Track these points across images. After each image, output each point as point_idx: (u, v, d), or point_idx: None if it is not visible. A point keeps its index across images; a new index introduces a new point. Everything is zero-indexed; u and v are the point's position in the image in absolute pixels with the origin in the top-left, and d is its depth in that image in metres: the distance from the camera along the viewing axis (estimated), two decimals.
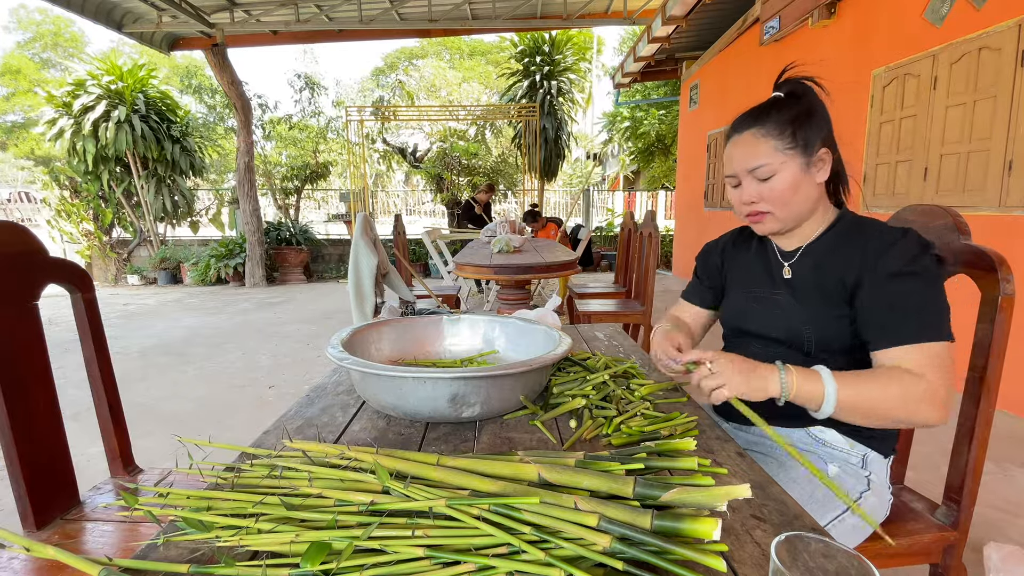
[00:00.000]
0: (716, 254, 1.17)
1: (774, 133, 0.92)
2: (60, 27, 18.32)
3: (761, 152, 0.92)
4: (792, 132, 0.91)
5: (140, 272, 7.94)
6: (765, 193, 0.93)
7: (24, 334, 0.97)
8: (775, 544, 0.42)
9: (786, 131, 0.91)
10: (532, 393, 0.91)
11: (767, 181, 0.93)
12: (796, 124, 0.91)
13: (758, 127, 0.93)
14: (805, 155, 0.91)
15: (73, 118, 7.29)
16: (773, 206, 0.94)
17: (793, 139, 0.91)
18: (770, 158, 0.92)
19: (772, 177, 0.92)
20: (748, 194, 0.95)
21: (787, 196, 0.92)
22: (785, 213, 0.94)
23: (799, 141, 0.91)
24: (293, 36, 6.98)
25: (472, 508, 0.52)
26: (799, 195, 0.92)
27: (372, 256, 2.10)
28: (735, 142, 0.97)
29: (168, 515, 0.57)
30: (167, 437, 2.46)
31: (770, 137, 0.92)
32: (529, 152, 9.05)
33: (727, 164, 0.99)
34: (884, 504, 0.96)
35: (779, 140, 0.91)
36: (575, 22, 6.72)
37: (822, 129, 0.93)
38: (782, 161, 0.91)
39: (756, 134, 0.93)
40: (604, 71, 16.54)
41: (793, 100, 0.94)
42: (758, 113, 0.95)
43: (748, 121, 0.95)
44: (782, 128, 0.91)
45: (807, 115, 0.92)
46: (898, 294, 0.84)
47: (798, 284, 0.97)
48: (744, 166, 0.94)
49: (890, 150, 3.38)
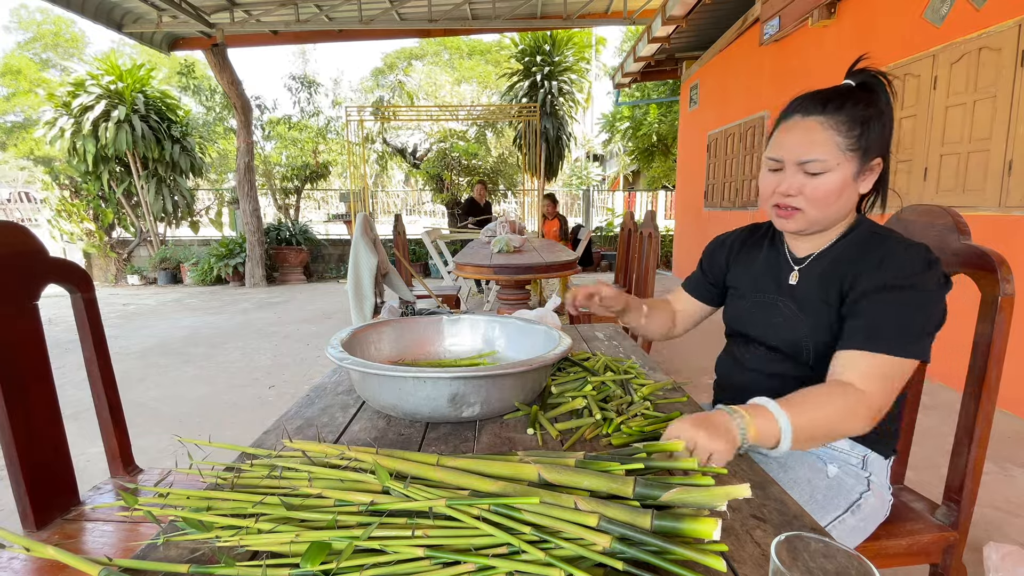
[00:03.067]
0: (723, 251, 1.13)
1: (843, 129, 0.83)
2: (60, 27, 18.31)
3: (821, 145, 0.84)
4: (859, 133, 0.83)
5: (140, 272, 7.94)
6: (808, 189, 0.86)
7: (24, 334, 0.97)
8: (775, 544, 0.42)
9: (854, 130, 0.83)
10: (532, 393, 0.91)
11: (815, 177, 0.85)
12: (865, 125, 0.83)
13: (827, 116, 0.84)
14: (862, 161, 0.85)
15: (73, 118, 7.29)
16: (809, 205, 0.87)
17: (858, 141, 0.83)
18: (829, 155, 0.84)
19: (822, 175, 0.85)
20: (789, 185, 0.88)
21: (830, 199, 0.86)
22: (818, 215, 0.88)
23: (862, 145, 0.84)
24: (293, 36, 6.98)
25: (472, 508, 0.52)
26: (840, 201, 0.87)
27: (372, 256, 2.10)
28: (794, 125, 0.87)
29: (168, 515, 0.57)
30: (167, 437, 2.46)
31: (836, 132, 0.83)
32: (529, 152, 9.05)
33: (776, 146, 0.89)
34: (884, 505, 0.96)
35: (845, 138, 0.83)
36: (575, 22, 6.72)
37: (885, 137, 0.86)
38: (839, 162, 0.84)
39: (823, 123, 0.84)
40: (604, 71, 16.54)
41: (865, 95, 0.86)
42: (831, 99, 0.85)
43: (816, 105, 0.85)
44: (851, 125, 0.83)
45: (877, 117, 0.84)
46: (878, 302, 0.81)
47: (802, 293, 0.94)
48: (796, 155, 0.86)
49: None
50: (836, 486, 0.91)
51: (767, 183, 0.92)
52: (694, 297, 1.19)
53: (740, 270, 1.09)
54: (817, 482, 0.92)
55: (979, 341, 0.95)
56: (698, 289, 1.19)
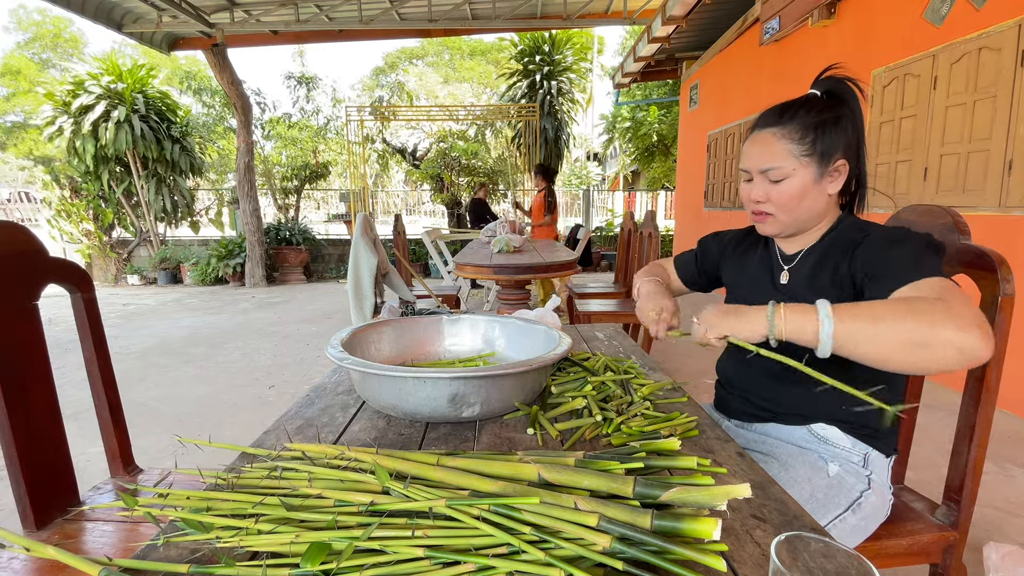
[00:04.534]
0: (718, 248, 1.18)
1: (795, 137, 0.90)
2: (60, 27, 18.31)
3: (776, 154, 0.91)
4: (813, 139, 0.89)
5: (140, 272, 7.94)
6: (773, 195, 0.93)
7: (24, 334, 0.97)
8: (775, 544, 0.42)
9: (807, 137, 0.89)
10: (532, 393, 0.91)
11: (777, 184, 0.92)
12: (819, 131, 0.89)
13: (780, 127, 0.91)
14: (821, 165, 0.90)
15: (72, 118, 7.29)
16: (777, 209, 0.94)
17: (812, 147, 0.89)
18: (784, 162, 0.90)
19: (783, 181, 0.91)
20: (756, 192, 0.95)
21: (793, 203, 0.92)
22: (788, 218, 0.94)
23: (817, 149, 0.89)
24: (293, 36, 6.98)
25: (472, 508, 0.52)
26: (805, 203, 0.92)
27: (372, 256, 2.10)
28: (754, 138, 0.95)
29: (168, 515, 0.57)
30: (167, 437, 2.46)
31: (789, 140, 0.90)
32: (529, 152, 9.05)
33: (743, 158, 0.97)
34: (885, 504, 0.96)
35: (798, 145, 0.90)
36: (575, 22, 6.72)
37: (845, 139, 0.90)
38: (795, 167, 0.90)
39: (776, 134, 0.91)
40: (604, 71, 16.54)
41: (826, 102, 0.91)
42: (783, 111, 0.92)
43: (772, 118, 0.93)
44: (804, 133, 0.89)
45: (833, 122, 0.89)
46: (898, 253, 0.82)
47: (793, 290, 0.97)
48: (758, 165, 0.93)
49: (890, 150, 3.38)
50: (837, 485, 0.92)
51: (743, 192, 0.99)
52: (679, 277, 1.24)
53: (733, 270, 1.13)
54: (818, 481, 0.92)
55: None
56: (685, 270, 1.23)
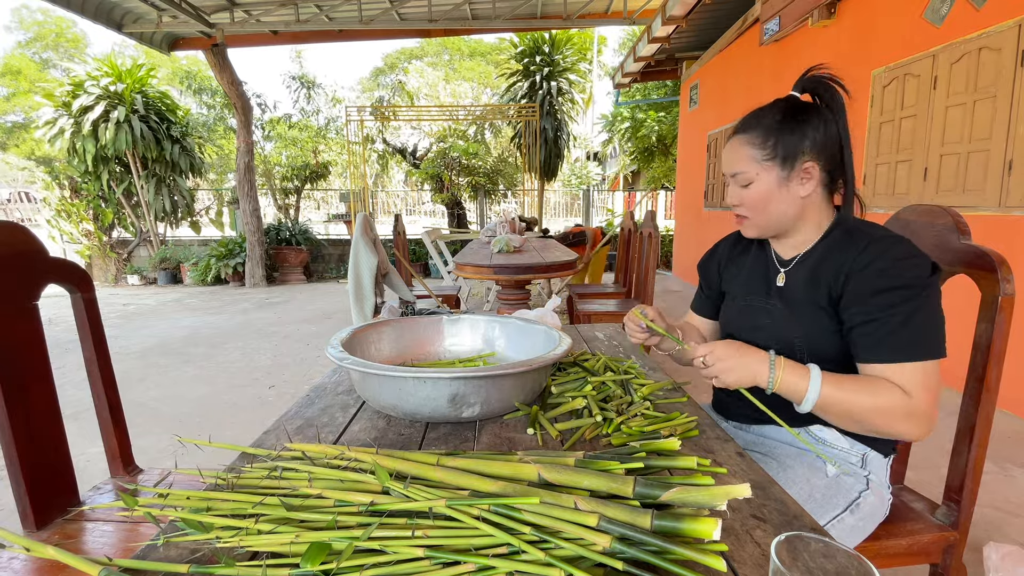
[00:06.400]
0: (714, 262, 1.17)
1: (756, 142, 0.92)
2: (61, 28, 18.32)
3: (740, 159, 0.94)
4: (773, 143, 0.90)
5: (140, 272, 7.93)
6: (745, 199, 0.95)
7: (24, 334, 0.97)
8: (775, 544, 0.42)
9: (768, 141, 0.91)
10: (532, 393, 0.91)
11: (746, 188, 0.95)
12: (779, 134, 0.90)
13: (744, 133, 0.94)
14: (784, 168, 0.91)
15: (72, 118, 7.29)
16: (750, 211, 0.96)
17: (773, 150, 0.91)
18: (746, 167, 0.93)
19: (750, 185, 0.94)
20: (732, 197, 0.98)
21: (760, 205, 0.94)
22: (762, 221, 0.96)
23: (778, 152, 0.90)
24: (293, 36, 6.98)
25: (472, 508, 0.52)
26: (772, 206, 0.93)
27: (372, 256, 2.10)
28: (727, 144, 0.99)
29: (168, 515, 0.57)
30: (167, 437, 2.46)
31: (751, 146, 0.92)
32: (529, 152, 9.05)
33: (722, 164, 1.01)
34: (884, 504, 0.96)
35: (759, 150, 0.92)
36: (575, 22, 6.72)
37: (811, 140, 0.89)
38: (757, 172, 0.92)
39: (741, 140, 0.94)
40: (604, 71, 16.54)
41: (795, 104, 0.92)
42: (749, 118, 0.95)
43: (740, 125, 0.96)
44: (764, 137, 0.91)
45: (796, 125, 0.90)
46: (883, 308, 0.82)
47: (790, 294, 0.97)
48: (727, 170, 0.97)
49: (890, 150, 3.38)
50: (835, 485, 0.92)
51: (727, 196, 1.02)
52: (704, 316, 1.21)
53: (732, 275, 1.12)
54: (816, 481, 0.92)
55: (979, 341, 0.95)
56: (704, 308, 1.20)
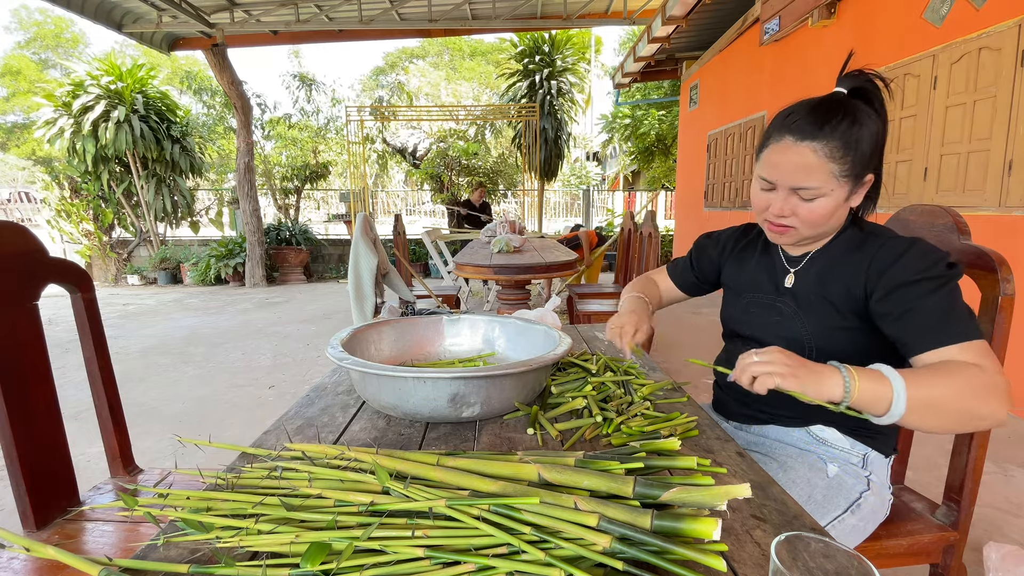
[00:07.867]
0: (715, 250, 1.14)
1: (837, 156, 0.81)
2: (61, 28, 18.32)
3: (817, 173, 0.82)
4: (853, 157, 0.81)
5: (140, 272, 7.93)
6: (802, 212, 0.86)
7: (24, 334, 0.97)
8: (775, 544, 0.42)
9: (848, 155, 0.81)
10: (532, 393, 0.91)
11: (809, 201, 0.85)
12: (860, 147, 0.81)
13: (822, 143, 0.81)
14: (855, 183, 0.84)
15: (72, 118, 7.29)
16: (803, 224, 0.87)
17: (852, 167, 0.82)
18: (824, 182, 0.82)
19: (816, 199, 0.84)
20: (782, 207, 0.87)
21: (822, 220, 0.86)
22: (811, 232, 0.89)
23: (856, 171, 0.82)
24: (293, 36, 6.97)
25: (472, 508, 0.52)
26: (833, 220, 0.87)
27: (372, 256, 2.10)
28: (787, 148, 0.84)
29: (168, 516, 0.57)
30: (167, 437, 2.46)
31: (831, 160, 0.81)
32: (529, 152, 9.05)
33: (769, 167, 0.86)
34: (884, 504, 0.96)
35: (839, 164, 0.81)
36: (575, 22, 6.71)
37: (878, 150, 0.84)
38: (833, 188, 0.83)
39: (817, 151, 0.81)
40: (604, 71, 16.54)
41: (860, 107, 0.83)
42: (823, 120, 0.81)
43: (810, 128, 0.82)
44: (845, 150, 0.81)
45: (871, 135, 0.82)
46: (922, 299, 0.78)
47: (801, 292, 0.95)
48: (791, 181, 0.84)
49: (890, 150, 3.38)
50: (836, 485, 0.91)
51: (759, 200, 0.91)
52: (675, 285, 1.23)
53: (734, 270, 1.10)
54: (817, 481, 0.92)
55: None
56: (683, 279, 1.22)
